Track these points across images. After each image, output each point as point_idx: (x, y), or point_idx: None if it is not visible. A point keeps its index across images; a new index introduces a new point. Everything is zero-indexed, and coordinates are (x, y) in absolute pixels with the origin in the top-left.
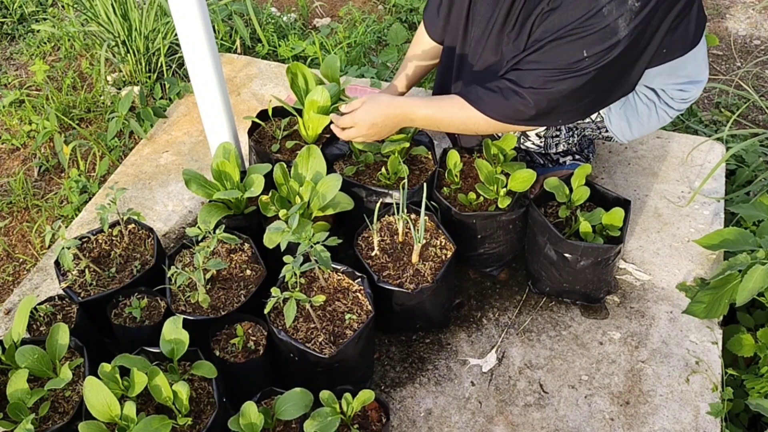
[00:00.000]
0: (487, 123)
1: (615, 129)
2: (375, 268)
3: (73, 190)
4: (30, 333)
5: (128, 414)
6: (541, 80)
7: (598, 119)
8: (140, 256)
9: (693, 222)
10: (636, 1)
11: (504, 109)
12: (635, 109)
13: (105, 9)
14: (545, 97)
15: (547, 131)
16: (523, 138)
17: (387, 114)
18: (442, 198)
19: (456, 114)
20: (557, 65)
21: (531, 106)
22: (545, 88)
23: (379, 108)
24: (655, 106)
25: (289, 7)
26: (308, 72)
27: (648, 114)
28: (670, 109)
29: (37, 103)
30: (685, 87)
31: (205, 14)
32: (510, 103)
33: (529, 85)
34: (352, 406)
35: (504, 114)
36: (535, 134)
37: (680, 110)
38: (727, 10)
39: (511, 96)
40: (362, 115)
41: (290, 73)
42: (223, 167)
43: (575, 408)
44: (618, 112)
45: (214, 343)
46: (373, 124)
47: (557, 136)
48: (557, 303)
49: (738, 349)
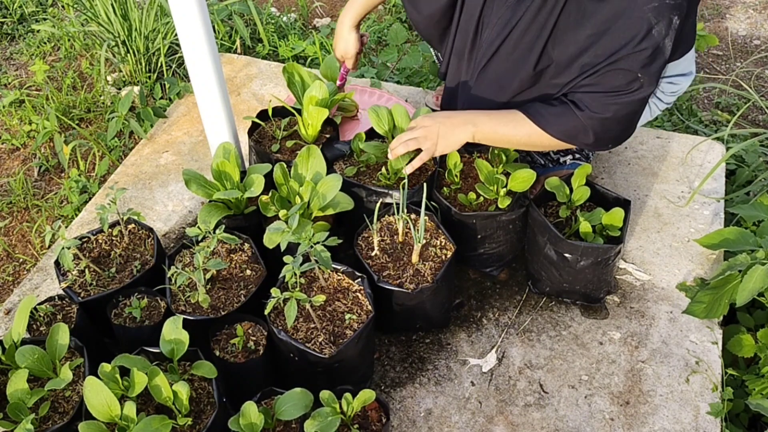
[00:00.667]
0: (549, 140)
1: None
2: (375, 268)
3: (73, 190)
4: (30, 333)
5: (128, 414)
6: (598, 102)
7: None
8: (140, 256)
9: (693, 222)
10: (677, 18)
11: (563, 127)
12: None
13: (105, 9)
14: (601, 120)
15: None
16: None
17: (448, 114)
18: (442, 198)
19: (522, 129)
20: (614, 87)
21: (588, 128)
22: (603, 110)
23: (438, 115)
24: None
25: (289, 7)
26: (304, 71)
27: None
28: (660, 102)
29: (37, 103)
30: (675, 80)
31: (205, 14)
32: (569, 122)
33: (586, 106)
34: (353, 406)
35: (563, 132)
36: None
37: (669, 103)
38: (727, 10)
39: (570, 116)
40: (422, 116)
41: (287, 73)
42: (223, 167)
43: (575, 408)
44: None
45: (214, 343)
46: (433, 120)
47: None
48: (557, 303)
49: (738, 350)
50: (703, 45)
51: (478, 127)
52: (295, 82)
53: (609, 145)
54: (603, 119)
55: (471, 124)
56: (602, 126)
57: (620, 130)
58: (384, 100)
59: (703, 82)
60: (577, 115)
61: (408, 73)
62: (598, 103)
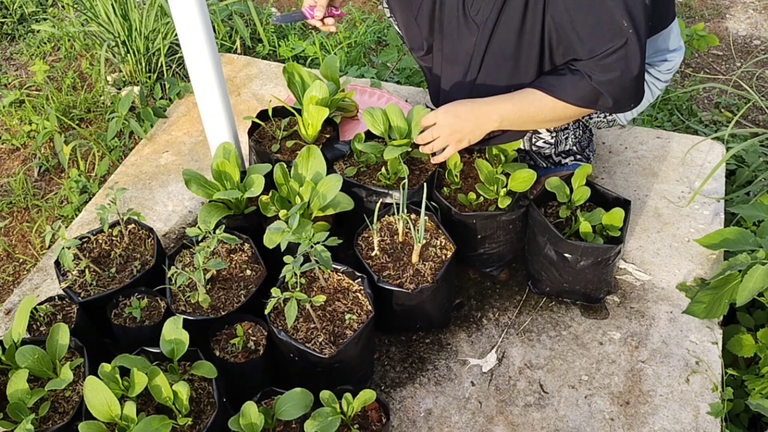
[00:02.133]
0: (573, 110)
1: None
2: (375, 268)
3: (73, 190)
4: (30, 333)
5: (128, 414)
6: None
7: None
8: (140, 256)
9: (693, 222)
10: None
11: (581, 93)
12: None
13: (105, 9)
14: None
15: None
16: (534, 137)
17: (469, 108)
18: (442, 198)
19: (541, 105)
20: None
21: (603, 92)
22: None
23: (458, 105)
24: (646, 79)
25: (289, 8)
26: (304, 71)
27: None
28: (658, 81)
29: (37, 103)
30: (668, 56)
31: (205, 14)
32: (584, 88)
33: (588, 75)
34: (353, 406)
35: (582, 98)
36: (546, 131)
37: (667, 81)
38: (727, 10)
39: (583, 81)
40: (442, 115)
41: (287, 73)
42: (223, 167)
43: (575, 408)
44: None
45: (214, 343)
46: (456, 118)
47: (566, 129)
48: (557, 303)
49: (738, 350)
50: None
51: (502, 114)
52: (296, 82)
53: (631, 104)
54: (611, 80)
55: (495, 113)
56: (615, 87)
57: (635, 86)
58: (384, 100)
59: (703, 82)
60: (589, 81)
61: (408, 73)
62: (599, 68)
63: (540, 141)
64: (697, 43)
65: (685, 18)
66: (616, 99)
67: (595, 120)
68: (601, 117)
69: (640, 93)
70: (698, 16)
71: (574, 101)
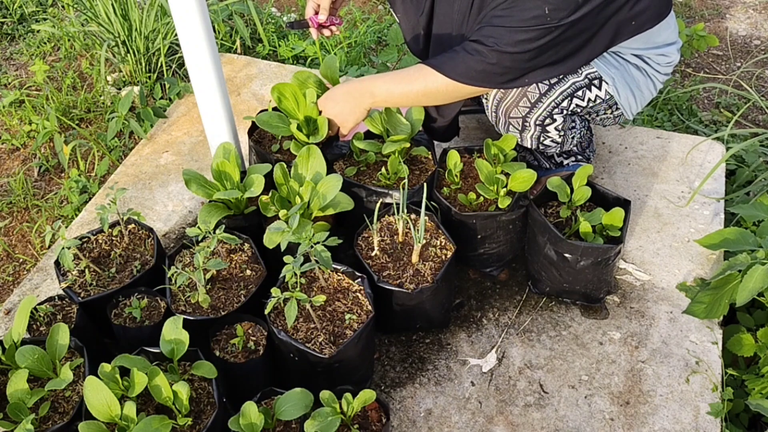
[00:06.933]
0: (454, 87)
1: (623, 101)
2: (375, 268)
3: (73, 190)
4: (30, 333)
5: (128, 414)
6: (503, 37)
7: (607, 96)
8: (140, 256)
9: (693, 222)
10: None
11: (466, 69)
12: (633, 77)
13: (105, 9)
14: (508, 56)
15: (564, 123)
16: (543, 136)
17: (346, 90)
18: (442, 198)
19: (417, 81)
20: (519, 22)
21: (494, 64)
22: (508, 45)
23: (340, 86)
24: (646, 72)
25: (289, 7)
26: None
27: (644, 81)
28: (658, 74)
29: (37, 103)
30: (665, 51)
31: (205, 14)
32: (473, 61)
33: (492, 43)
34: (353, 406)
35: (467, 74)
36: (554, 128)
37: (667, 74)
38: (727, 10)
39: (474, 54)
40: (322, 102)
41: (276, 92)
42: (223, 167)
43: (575, 408)
44: (621, 82)
45: (214, 343)
46: (333, 102)
47: (573, 127)
48: (557, 303)
49: (738, 349)
50: (703, 45)
51: (373, 91)
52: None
53: (526, 81)
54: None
55: (368, 94)
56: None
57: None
58: None
59: (703, 82)
60: (480, 52)
61: None
62: (502, 38)
63: (548, 140)
64: (697, 43)
65: (685, 18)
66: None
67: (602, 117)
68: (608, 112)
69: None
70: (698, 16)
71: (462, 80)
